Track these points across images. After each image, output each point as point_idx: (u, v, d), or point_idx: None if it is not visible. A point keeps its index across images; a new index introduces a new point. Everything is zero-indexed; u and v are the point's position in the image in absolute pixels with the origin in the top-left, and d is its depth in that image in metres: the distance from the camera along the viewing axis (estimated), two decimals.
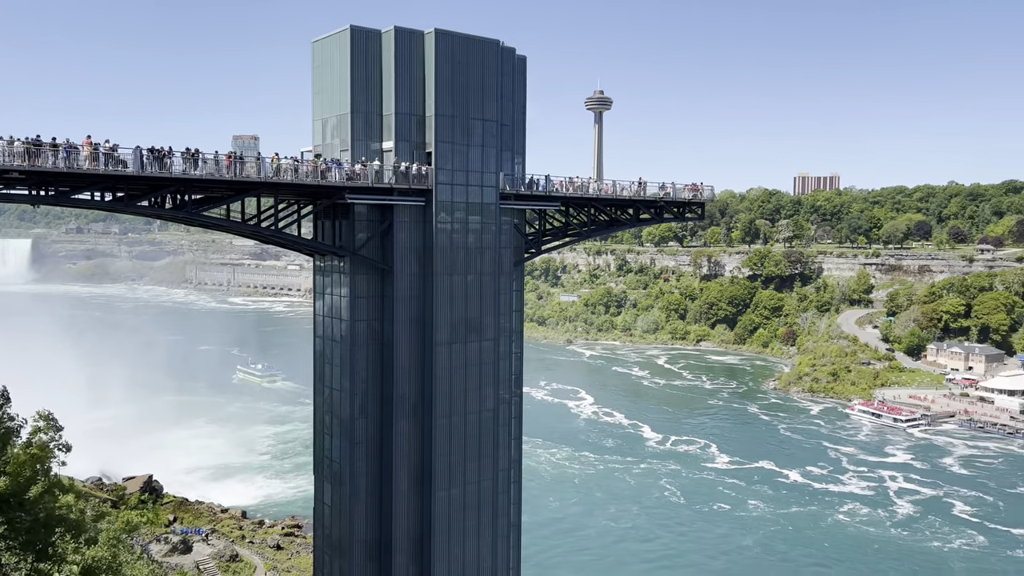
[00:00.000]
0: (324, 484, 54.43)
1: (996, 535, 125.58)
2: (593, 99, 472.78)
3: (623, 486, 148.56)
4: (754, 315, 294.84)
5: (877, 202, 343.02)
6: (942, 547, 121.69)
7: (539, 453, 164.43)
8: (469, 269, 52.95)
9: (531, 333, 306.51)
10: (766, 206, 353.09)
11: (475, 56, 51.65)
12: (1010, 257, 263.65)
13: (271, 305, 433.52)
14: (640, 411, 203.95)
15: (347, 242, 50.13)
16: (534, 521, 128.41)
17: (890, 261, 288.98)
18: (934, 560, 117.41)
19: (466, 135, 51.62)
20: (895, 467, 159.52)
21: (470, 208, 52.49)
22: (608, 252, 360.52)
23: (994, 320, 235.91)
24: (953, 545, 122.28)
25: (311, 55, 52.73)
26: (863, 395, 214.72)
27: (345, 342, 51.01)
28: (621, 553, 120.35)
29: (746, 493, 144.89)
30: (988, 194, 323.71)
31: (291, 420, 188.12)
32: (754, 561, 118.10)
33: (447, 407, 52.53)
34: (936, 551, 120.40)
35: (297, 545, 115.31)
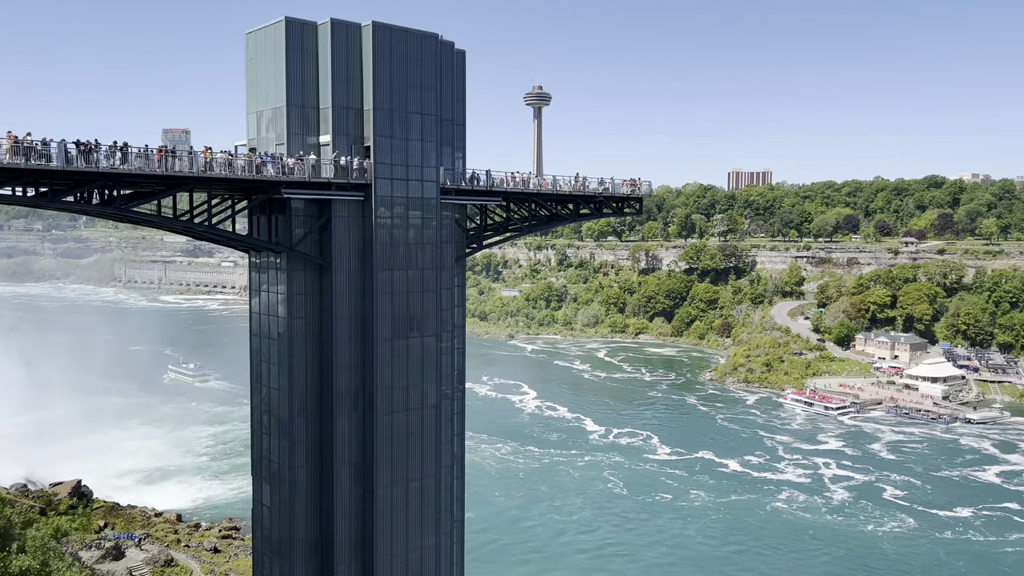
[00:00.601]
0: (263, 485, 53.36)
1: (925, 517, 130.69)
2: (532, 95, 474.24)
3: (567, 479, 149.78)
4: (691, 308, 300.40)
5: (808, 197, 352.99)
6: (875, 531, 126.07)
7: (484, 448, 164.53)
8: (410, 264, 52.47)
9: (473, 328, 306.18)
10: (701, 201, 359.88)
11: (414, 50, 51.13)
12: (932, 249, 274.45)
13: (205, 303, 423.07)
14: (582, 404, 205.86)
15: (284, 238, 49.14)
16: (480, 516, 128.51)
17: (820, 254, 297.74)
18: (867, 543, 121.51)
19: (405, 129, 51.09)
20: (828, 454, 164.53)
21: (410, 203, 51.99)
22: (549, 247, 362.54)
23: (918, 310, 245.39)
24: (885, 528, 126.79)
25: (244, 47, 51.45)
26: (796, 384, 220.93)
27: (282, 340, 50.04)
28: (566, 545, 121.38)
29: (687, 483, 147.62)
30: (911, 189, 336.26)
31: (229, 420, 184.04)
32: (696, 549, 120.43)
33: (388, 404, 52.00)
34: (869, 535, 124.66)
35: (235, 547, 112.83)
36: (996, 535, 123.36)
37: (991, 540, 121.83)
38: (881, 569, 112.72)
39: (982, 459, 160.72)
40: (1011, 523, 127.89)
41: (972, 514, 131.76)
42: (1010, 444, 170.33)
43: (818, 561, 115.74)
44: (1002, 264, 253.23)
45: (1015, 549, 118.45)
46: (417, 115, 51.50)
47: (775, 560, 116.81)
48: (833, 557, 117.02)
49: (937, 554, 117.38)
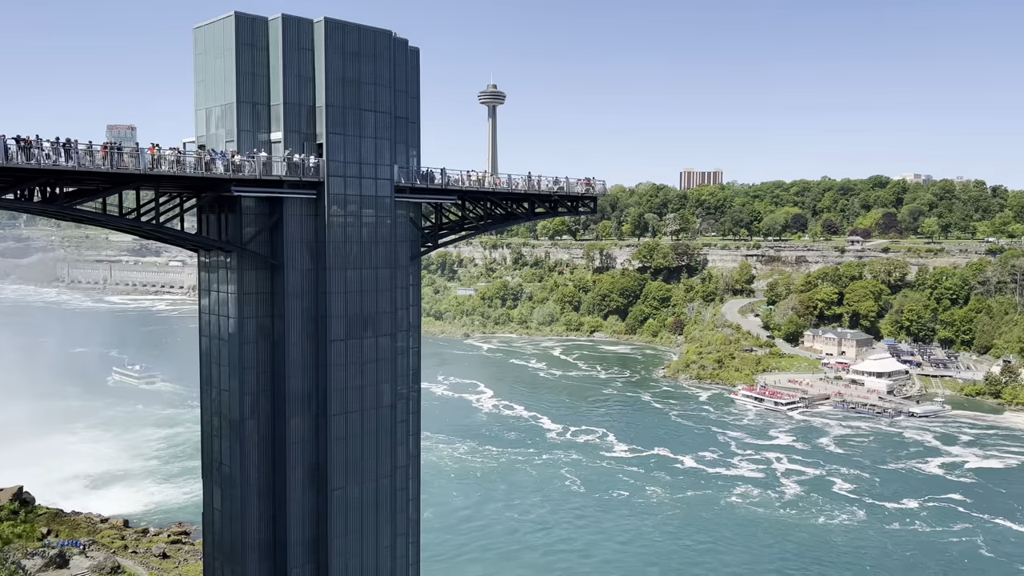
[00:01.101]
0: (214, 488, 52.41)
1: (873, 509, 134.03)
2: (486, 93, 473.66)
3: (525, 477, 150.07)
4: (644, 306, 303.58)
5: (757, 196, 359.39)
6: (826, 523, 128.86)
7: (441, 448, 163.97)
8: (364, 263, 52.01)
9: (428, 327, 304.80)
10: (654, 200, 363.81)
11: (367, 46, 50.69)
12: (877, 248, 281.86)
13: (152, 304, 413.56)
14: (539, 403, 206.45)
15: (234, 236, 48.28)
16: (438, 516, 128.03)
17: (770, 252, 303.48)
18: (819, 536, 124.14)
19: (359, 126, 50.62)
20: (779, 449, 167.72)
21: (364, 201, 51.53)
22: (504, 246, 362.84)
23: (864, 307, 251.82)
24: (836, 521, 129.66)
25: (192, 41, 50.40)
26: (747, 381, 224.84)
27: (233, 340, 49.18)
28: (523, 543, 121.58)
29: (644, 480, 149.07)
30: (857, 189, 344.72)
31: (180, 423, 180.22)
32: (653, 545, 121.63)
33: (343, 404, 51.50)
34: (821, 527, 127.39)
35: (185, 552, 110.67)
36: (942, 525, 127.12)
37: (937, 530, 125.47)
38: (833, 561, 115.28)
39: (925, 451, 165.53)
40: (955, 514, 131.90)
41: (918, 505, 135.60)
42: (951, 436, 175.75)
43: (772, 554, 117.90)
44: (943, 262, 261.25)
45: (960, 539, 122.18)
46: (370, 112, 51.07)
47: (730, 554, 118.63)
48: (786, 550, 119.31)
49: (886, 545, 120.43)
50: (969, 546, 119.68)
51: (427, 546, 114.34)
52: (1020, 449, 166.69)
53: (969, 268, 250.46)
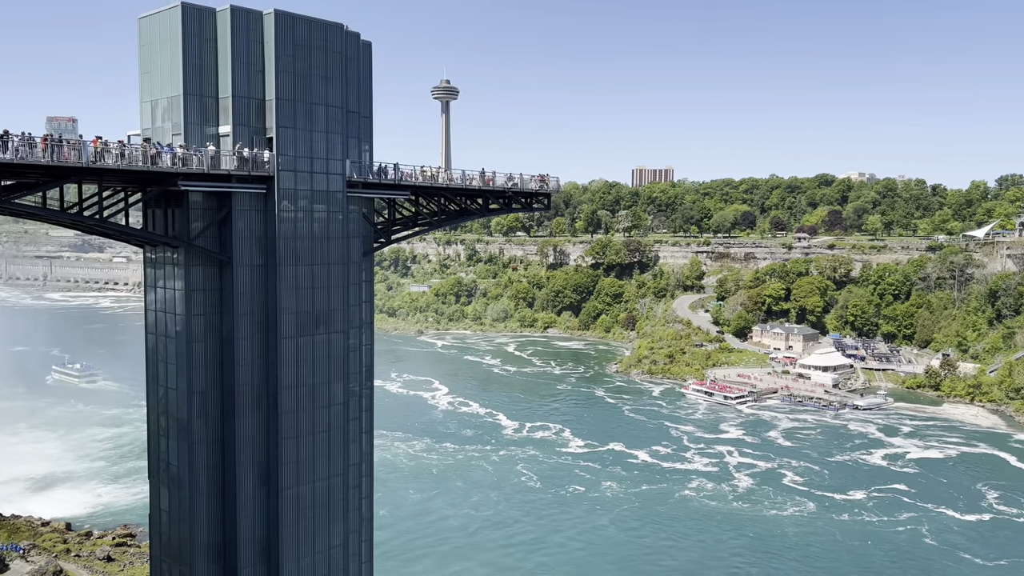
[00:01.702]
0: (161, 489, 51.29)
1: (822, 501, 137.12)
2: (439, 88, 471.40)
3: (481, 474, 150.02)
4: (597, 302, 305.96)
5: (707, 194, 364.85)
6: (778, 515, 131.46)
7: (397, 446, 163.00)
8: (315, 259, 51.36)
9: (381, 324, 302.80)
10: (607, 197, 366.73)
11: (318, 39, 50.02)
12: (823, 245, 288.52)
13: (96, 301, 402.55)
14: (494, 399, 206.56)
15: (181, 232, 47.23)
16: (395, 515, 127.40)
17: (719, 249, 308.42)
18: (771, 528, 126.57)
19: (309, 120, 49.93)
20: (730, 443, 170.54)
21: (315, 196, 50.86)
22: (458, 242, 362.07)
23: (810, 302, 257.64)
24: (787, 513, 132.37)
25: (137, 32, 49.11)
26: (697, 375, 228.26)
27: (180, 338, 48.15)
28: (480, 540, 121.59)
29: (600, 475, 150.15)
30: (804, 187, 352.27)
31: (127, 422, 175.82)
32: (609, 539, 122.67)
33: (294, 403, 50.83)
34: (773, 519, 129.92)
35: (131, 555, 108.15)
36: (888, 515, 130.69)
37: (884, 520, 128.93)
38: (784, 553, 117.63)
39: (869, 443, 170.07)
40: (900, 503, 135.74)
41: (865, 496, 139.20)
42: (893, 428, 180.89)
43: (726, 547, 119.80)
44: (886, 258, 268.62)
45: (906, 528, 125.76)
46: (321, 106, 50.42)
47: (686, 547, 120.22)
48: (740, 542, 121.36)
49: (835, 536, 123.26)
50: (914, 535, 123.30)
51: (383, 544, 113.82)
52: (958, 439, 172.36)
53: (910, 265, 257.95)
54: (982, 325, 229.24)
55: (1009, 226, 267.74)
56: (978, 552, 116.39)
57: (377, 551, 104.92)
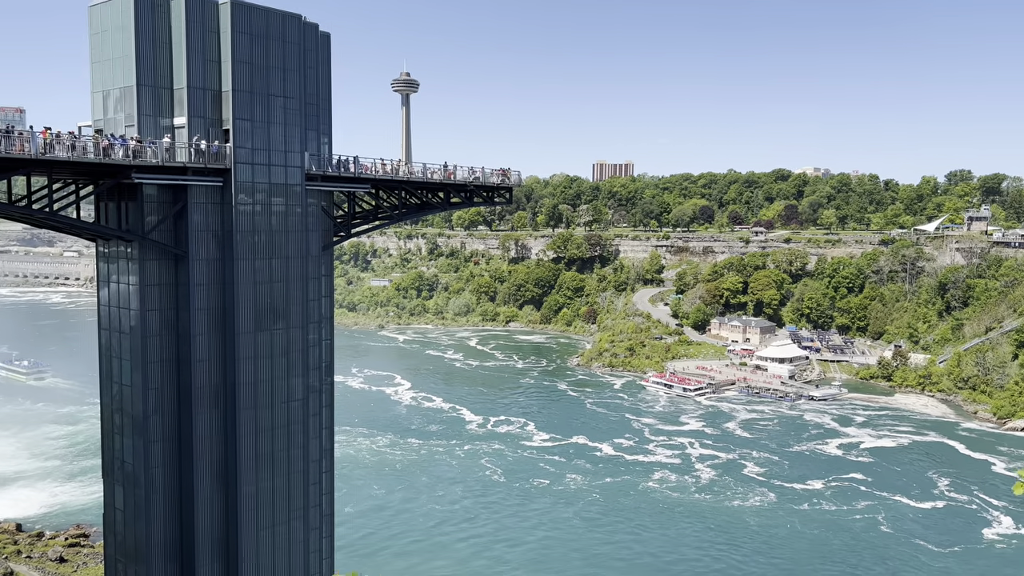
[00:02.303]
0: (116, 487, 50.33)
1: (782, 491, 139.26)
2: (400, 81, 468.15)
3: (446, 469, 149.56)
4: (558, 295, 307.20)
5: (667, 188, 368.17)
6: (739, 506, 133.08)
7: (360, 442, 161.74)
8: (274, 253, 50.74)
9: (341, 319, 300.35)
10: (568, 192, 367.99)
11: (275, 30, 49.34)
12: (779, 239, 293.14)
13: (46, 296, 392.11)
14: (458, 394, 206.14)
15: (135, 225, 46.30)
16: (359, 510, 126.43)
17: (678, 243, 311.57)
18: (733, 518, 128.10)
19: (267, 112, 49.26)
20: (691, 434, 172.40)
21: (273, 189, 50.23)
22: (419, 236, 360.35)
23: (767, 295, 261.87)
24: (748, 503, 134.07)
25: (88, 20, 47.90)
26: (657, 368, 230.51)
27: (135, 334, 47.24)
28: (446, 534, 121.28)
29: (564, 468, 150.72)
30: (761, 181, 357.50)
31: (82, 420, 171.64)
32: (574, 531, 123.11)
33: (252, 398, 50.22)
34: (735, 510, 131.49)
35: (84, 556, 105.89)
36: (845, 504, 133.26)
37: (842, 509, 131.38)
38: (746, 542, 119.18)
39: (825, 433, 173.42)
40: (857, 492, 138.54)
41: (823, 486, 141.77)
42: (847, 418, 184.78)
43: (689, 538, 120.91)
44: (840, 252, 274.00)
45: (863, 516, 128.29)
46: (279, 98, 49.77)
47: (649, 538, 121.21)
48: (703, 533, 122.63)
49: (794, 525, 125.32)
50: (871, 523, 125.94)
51: (348, 540, 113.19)
52: (909, 429, 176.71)
53: (864, 258, 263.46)
54: (932, 317, 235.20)
55: (958, 220, 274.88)
56: (932, 539, 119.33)
57: (341, 547, 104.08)
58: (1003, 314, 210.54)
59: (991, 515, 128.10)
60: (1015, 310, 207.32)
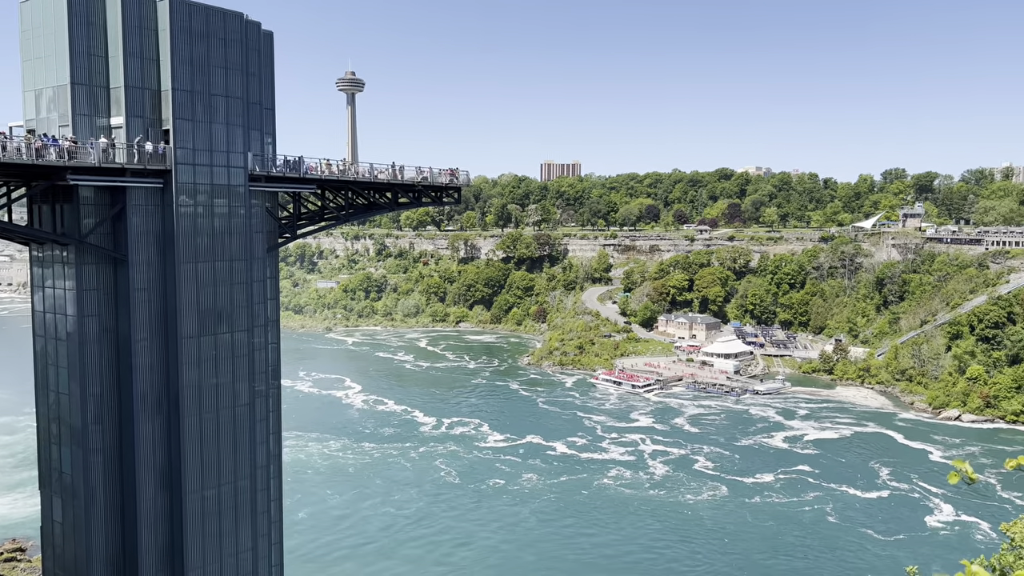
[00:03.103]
0: (53, 499, 48.66)
1: (733, 485, 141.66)
2: (344, 80, 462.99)
3: (401, 472, 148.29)
4: (508, 295, 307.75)
5: (614, 188, 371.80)
6: (693, 500, 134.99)
7: (311, 447, 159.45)
8: (217, 256, 49.68)
9: (288, 322, 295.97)
10: (516, 191, 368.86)
11: (216, 28, 48.31)
12: (723, 236, 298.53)
13: None
14: (410, 395, 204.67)
15: (71, 229, 44.82)
16: (312, 516, 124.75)
17: (625, 242, 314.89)
18: (687, 512, 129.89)
19: (208, 112, 48.19)
20: (642, 431, 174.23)
21: (215, 190, 49.17)
22: (367, 237, 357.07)
23: (712, 292, 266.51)
24: (701, 497, 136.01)
25: (19, 17, 46.24)
26: (606, 365, 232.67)
27: (72, 341, 45.74)
28: (401, 537, 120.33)
29: (519, 467, 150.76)
30: (705, 180, 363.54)
31: (18, 430, 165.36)
32: (530, 530, 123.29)
33: (196, 404, 49.08)
34: (688, 504, 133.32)
35: (22, 571, 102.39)
36: (794, 496, 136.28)
37: (792, 501, 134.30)
38: (700, 536, 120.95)
39: (771, 427, 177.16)
40: (805, 484, 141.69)
41: (772, 479, 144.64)
42: (791, 411, 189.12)
43: (645, 533, 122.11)
44: (782, 249, 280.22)
45: (811, 507, 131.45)
46: (221, 97, 48.74)
47: (606, 534, 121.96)
48: (658, 528, 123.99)
49: (746, 518, 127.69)
50: (819, 513, 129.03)
51: (301, 546, 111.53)
52: (850, 420, 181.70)
53: (804, 255, 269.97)
54: (871, 311, 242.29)
55: (894, 217, 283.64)
56: (878, 528, 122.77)
57: (296, 554, 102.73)
58: (937, 307, 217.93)
59: (932, 503, 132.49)
60: (948, 304, 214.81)
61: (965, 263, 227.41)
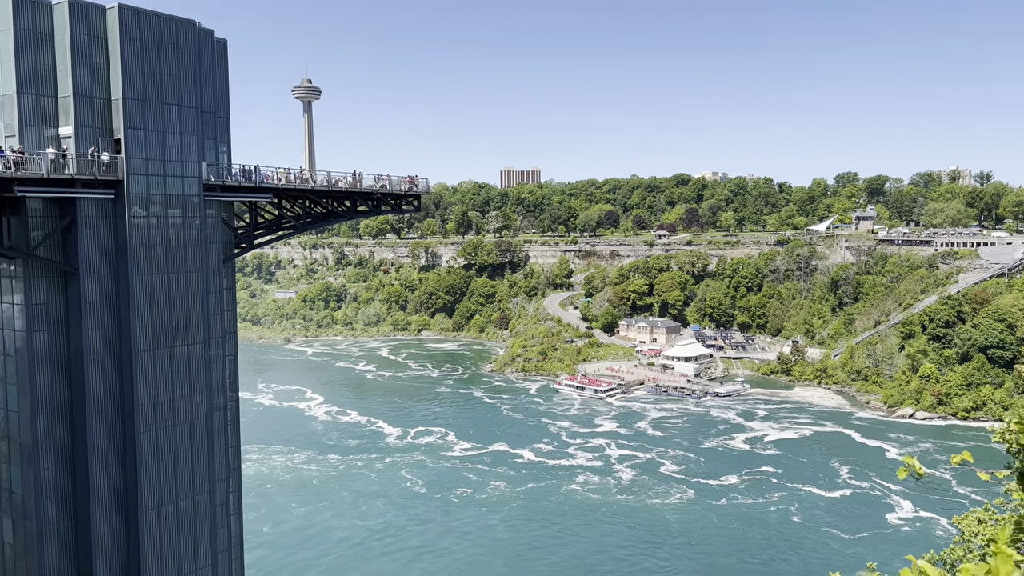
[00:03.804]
0: (3, 520, 47.27)
1: (699, 487, 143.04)
2: (301, 88, 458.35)
3: (366, 483, 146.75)
4: (470, 302, 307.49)
5: (573, 194, 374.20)
6: (661, 504, 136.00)
7: (275, 459, 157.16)
8: (172, 268, 48.85)
9: (246, 333, 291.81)
10: (476, 198, 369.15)
11: (168, 36, 47.61)
12: (681, 241, 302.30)
13: None
14: (373, 406, 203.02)
15: (19, 242, 43.72)
16: (278, 531, 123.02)
17: (586, 248, 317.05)
18: (655, 516, 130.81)
19: (161, 121, 47.44)
20: (607, 435, 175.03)
21: (169, 201, 48.39)
22: (325, 245, 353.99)
23: (671, 296, 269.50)
24: (668, 501, 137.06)
25: None
26: (569, 371, 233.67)
27: (21, 356, 44.56)
28: (369, 549, 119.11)
29: (486, 476, 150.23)
30: (663, 186, 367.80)
31: None
32: (499, 539, 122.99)
33: (153, 420, 48.13)
34: (656, 508, 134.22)
35: None
36: (759, 497, 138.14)
37: (758, 502, 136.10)
38: (668, 539, 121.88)
39: (732, 428, 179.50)
40: (769, 485, 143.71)
41: (737, 480, 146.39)
42: (750, 413, 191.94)
43: (613, 539, 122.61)
44: (739, 253, 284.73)
45: (776, 508, 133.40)
46: (174, 106, 48.03)
47: (575, 541, 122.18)
48: (626, 533, 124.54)
49: (713, 520, 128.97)
50: (784, 514, 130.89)
51: (264, 561, 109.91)
52: (808, 420, 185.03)
53: (761, 258, 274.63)
54: (826, 313, 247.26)
55: (847, 220, 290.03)
56: (842, 526, 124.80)
57: (259, 569, 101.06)
58: (890, 308, 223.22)
59: (892, 500, 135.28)
60: (900, 304, 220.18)
61: (916, 264, 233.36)
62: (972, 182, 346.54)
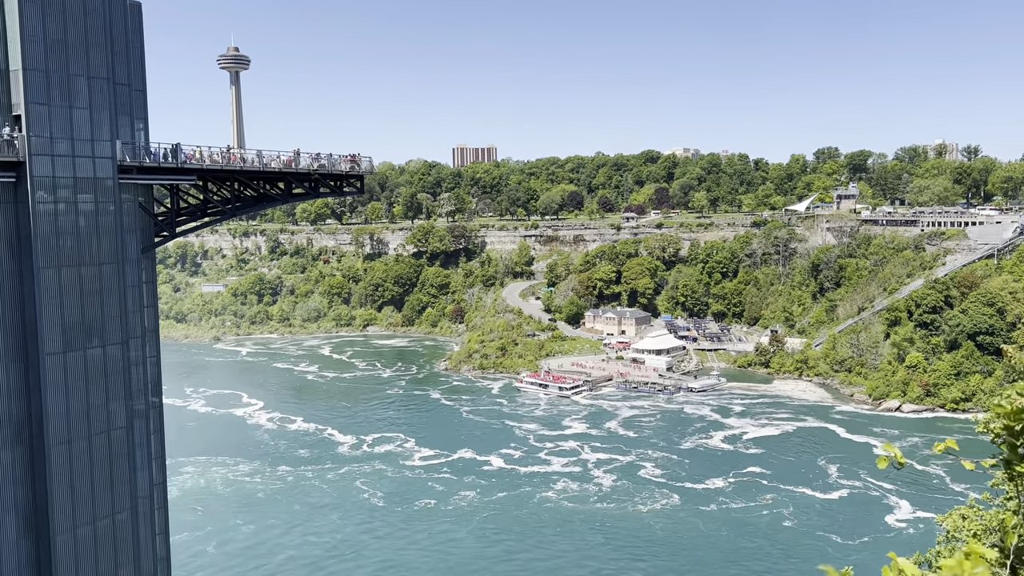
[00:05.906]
0: None
1: (683, 492, 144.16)
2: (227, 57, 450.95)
3: (319, 496, 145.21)
4: (421, 294, 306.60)
5: (533, 173, 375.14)
6: (644, 511, 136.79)
7: (214, 472, 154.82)
8: (84, 259, 47.81)
9: (169, 332, 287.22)
10: (427, 179, 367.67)
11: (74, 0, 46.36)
12: (651, 224, 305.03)
13: None
14: (319, 411, 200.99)
15: None
16: (223, 551, 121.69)
17: (548, 232, 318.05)
18: (638, 524, 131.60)
19: (68, 95, 46.27)
20: (577, 437, 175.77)
21: (79, 184, 47.29)
22: (257, 233, 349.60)
23: (641, 284, 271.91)
24: (652, 508, 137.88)
25: None
26: (530, 367, 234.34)
27: None
28: (323, 569, 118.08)
29: (452, 485, 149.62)
30: (630, 164, 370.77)
31: None
32: (470, 551, 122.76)
33: (64, 431, 47.12)
34: (639, 516, 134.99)
35: None
36: (748, 500, 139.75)
37: (747, 506, 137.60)
38: (653, 548, 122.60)
39: (708, 426, 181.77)
40: (757, 487, 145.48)
41: (723, 483, 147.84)
42: (727, 409, 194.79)
43: (594, 549, 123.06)
44: (712, 236, 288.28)
45: (767, 512, 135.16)
46: (82, 78, 46.87)
47: (553, 552, 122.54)
48: (607, 542, 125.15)
49: (699, 527, 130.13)
50: (775, 518, 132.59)
51: None
52: (789, 415, 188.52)
53: (737, 241, 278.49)
54: (807, 299, 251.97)
55: (827, 199, 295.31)
56: (840, 531, 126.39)
57: None
58: (874, 293, 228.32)
59: (889, 500, 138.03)
60: (885, 288, 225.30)
61: (901, 245, 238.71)
62: (959, 156, 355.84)
